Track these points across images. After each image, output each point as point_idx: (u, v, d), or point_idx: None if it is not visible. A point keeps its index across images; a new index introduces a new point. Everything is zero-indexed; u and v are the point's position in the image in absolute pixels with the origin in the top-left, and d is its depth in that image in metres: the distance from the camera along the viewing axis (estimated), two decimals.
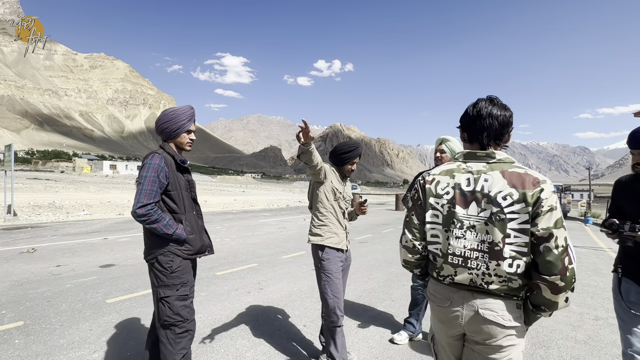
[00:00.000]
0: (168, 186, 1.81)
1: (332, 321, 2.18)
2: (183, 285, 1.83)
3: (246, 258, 5.88)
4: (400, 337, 2.86)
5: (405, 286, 4.52)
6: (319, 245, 2.26)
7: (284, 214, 14.98)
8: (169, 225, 1.76)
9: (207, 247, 2.00)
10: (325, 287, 2.21)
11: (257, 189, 54.40)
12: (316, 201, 2.32)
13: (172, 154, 1.87)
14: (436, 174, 1.29)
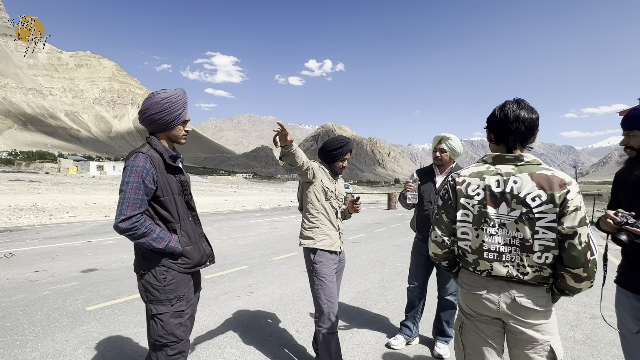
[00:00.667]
0: (157, 191, 1.55)
1: (327, 328, 2.04)
2: (179, 299, 1.60)
3: (236, 260, 5.70)
4: (396, 341, 2.75)
5: (400, 287, 4.42)
6: (310, 248, 2.13)
7: (275, 214, 14.79)
8: (160, 239, 1.52)
9: (207, 257, 1.76)
10: (318, 291, 2.08)
11: (249, 189, 53.95)
12: (306, 202, 2.18)
13: (160, 151, 1.59)
14: (466, 176, 1.36)
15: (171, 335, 1.57)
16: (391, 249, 7.20)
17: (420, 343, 2.84)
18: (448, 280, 2.61)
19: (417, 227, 2.73)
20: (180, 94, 1.66)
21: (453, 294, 2.63)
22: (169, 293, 1.57)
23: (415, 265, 2.76)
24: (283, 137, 1.76)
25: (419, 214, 2.70)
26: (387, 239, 8.62)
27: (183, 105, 1.66)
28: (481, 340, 1.34)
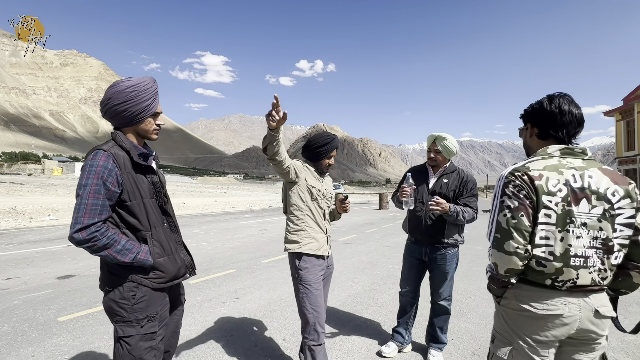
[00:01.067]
0: (122, 194, 1.35)
1: (312, 339, 1.89)
2: (150, 320, 1.39)
3: (223, 264, 5.50)
4: (388, 349, 2.62)
5: (391, 289, 4.31)
6: (295, 253, 1.98)
7: (265, 215, 14.57)
8: (126, 250, 1.32)
9: (186, 269, 1.56)
10: (303, 300, 1.93)
11: (239, 190, 53.44)
12: (290, 203, 2.03)
13: (127, 148, 1.38)
14: (540, 169, 1.19)
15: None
16: (382, 249, 7.11)
17: (413, 350, 2.71)
18: (441, 285, 2.50)
19: (410, 229, 2.60)
20: (149, 82, 1.46)
21: (446, 298, 2.52)
22: (138, 312, 1.37)
23: (407, 269, 2.64)
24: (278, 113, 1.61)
25: (411, 216, 2.58)
26: (379, 239, 8.53)
27: (153, 95, 1.46)
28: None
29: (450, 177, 2.47)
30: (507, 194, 1.19)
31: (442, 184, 2.46)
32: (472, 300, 3.93)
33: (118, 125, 1.45)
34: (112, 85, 1.43)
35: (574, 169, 1.18)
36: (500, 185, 1.22)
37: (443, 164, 2.52)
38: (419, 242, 2.54)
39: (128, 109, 1.40)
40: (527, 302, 1.18)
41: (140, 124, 1.46)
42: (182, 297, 1.66)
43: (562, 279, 1.14)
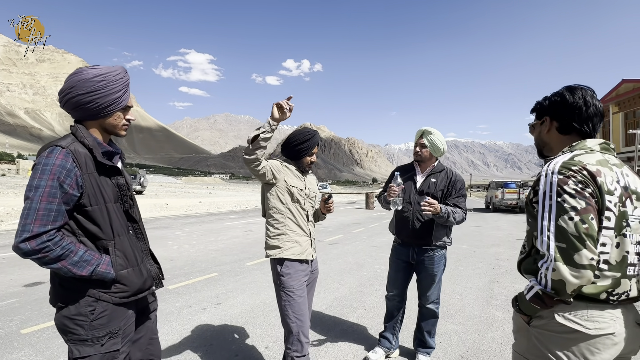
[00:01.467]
0: (82, 198, 1.18)
1: (296, 350, 1.77)
2: (112, 337, 1.24)
3: (205, 267, 5.30)
4: (375, 355, 2.52)
5: (378, 291, 4.23)
6: (277, 259, 1.85)
7: (251, 216, 14.32)
8: (83, 262, 1.16)
9: (152, 282, 1.41)
10: (286, 308, 1.80)
11: (225, 190, 52.67)
12: (269, 206, 1.90)
13: (89, 145, 1.21)
14: (594, 164, 1.02)
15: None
16: (369, 250, 7.05)
17: (401, 355, 2.63)
18: (429, 288, 2.42)
19: (397, 230, 2.51)
20: (120, 72, 1.30)
21: (434, 301, 2.45)
22: (98, 329, 1.20)
23: (394, 271, 2.55)
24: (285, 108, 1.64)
25: (398, 216, 2.49)
26: (365, 239, 8.47)
27: (124, 87, 1.29)
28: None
29: (439, 176, 2.39)
30: (568, 192, 0.97)
31: (430, 184, 2.38)
32: (459, 301, 3.89)
33: (81, 118, 1.27)
34: (76, 72, 1.25)
35: (615, 165, 1.06)
36: (552, 182, 1.01)
37: (430, 161, 2.43)
38: (406, 243, 2.46)
39: (95, 100, 1.22)
40: (575, 321, 1.00)
41: (108, 117, 1.28)
42: (154, 303, 1.51)
43: (618, 291, 0.99)
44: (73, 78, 1.24)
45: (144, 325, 1.45)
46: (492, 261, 6.05)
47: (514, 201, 18.37)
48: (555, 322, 1.01)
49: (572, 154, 1.07)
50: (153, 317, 1.49)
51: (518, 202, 18.27)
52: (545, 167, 1.07)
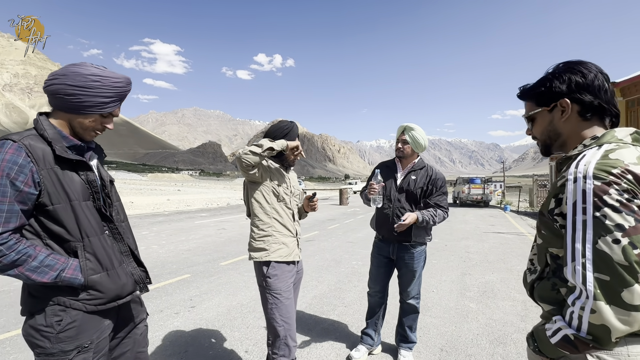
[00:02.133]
0: (41, 197, 1.06)
1: (283, 355, 1.69)
2: (82, 351, 1.11)
3: (177, 268, 5.04)
4: (358, 353, 2.50)
5: (357, 287, 4.23)
6: (263, 261, 1.75)
7: (223, 214, 13.92)
8: (45, 268, 1.04)
9: (134, 287, 1.27)
10: (272, 311, 1.71)
11: (195, 187, 50.89)
12: (254, 207, 1.81)
13: (49, 138, 1.09)
14: (635, 162, 0.78)
15: None
16: (346, 246, 7.07)
17: (383, 351, 2.63)
18: (410, 283, 2.43)
19: (377, 226, 2.50)
20: (121, 81, 1.19)
21: (415, 297, 2.46)
22: (65, 343, 1.08)
23: (376, 267, 2.54)
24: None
25: (378, 213, 2.48)
26: (341, 235, 8.51)
27: (116, 96, 1.19)
28: None
29: (419, 173, 2.40)
30: (610, 204, 0.75)
31: (409, 181, 2.38)
32: (435, 294, 3.99)
33: (55, 106, 1.15)
34: (78, 64, 1.15)
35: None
36: (585, 190, 0.78)
37: (411, 157, 2.43)
38: (386, 240, 2.45)
39: (78, 95, 1.12)
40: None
41: (83, 117, 1.16)
42: (141, 312, 1.38)
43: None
44: (70, 68, 1.15)
45: (130, 337, 1.32)
46: (463, 254, 6.29)
47: (479, 196, 19.35)
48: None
49: (603, 149, 0.83)
50: (142, 328, 1.36)
51: (482, 197, 19.28)
52: (572, 168, 0.83)
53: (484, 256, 6.17)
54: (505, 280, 4.60)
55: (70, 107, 1.13)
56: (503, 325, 3.15)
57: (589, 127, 0.93)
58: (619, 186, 0.75)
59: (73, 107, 1.13)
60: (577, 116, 0.94)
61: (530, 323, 3.18)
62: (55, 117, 1.15)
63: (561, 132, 0.98)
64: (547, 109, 0.98)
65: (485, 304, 3.68)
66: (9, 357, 2.48)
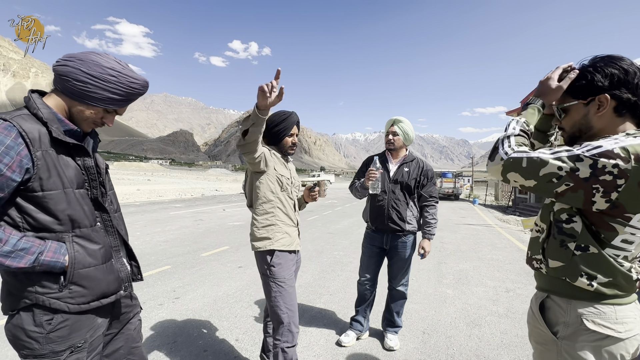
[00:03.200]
0: (31, 182, 0.97)
1: (286, 341, 1.73)
2: (74, 351, 1.05)
3: (155, 260, 4.91)
4: (347, 338, 2.60)
5: (340, 276, 4.35)
6: (267, 250, 1.77)
7: (199, 205, 13.58)
8: (20, 252, 0.95)
9: (120, 284, 1.18)
10: (276, 299, 1.74)
11: (166, 177, 49.01)
12: (258, 196, 1.81)
13: (44, 118, 1.00)
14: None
15: None
16: (326, 237, 7.18)
17: (370, 336, 2.75)
18: (401, 271, 2.55)
19: (371, 218, 2.58)
20: (139, 82, 1.13)
21: (404, 284, 2.59)
22: (57, 343, 1.01)
23: (367, 257, 2.64)
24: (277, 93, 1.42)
25: (372, 205, 2.57)
26: (321, 226, 8.61)
27: (128, 95, 1.11)
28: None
29: (411, 165, 2.52)
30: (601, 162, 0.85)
31: (403, 173, 2.49)
32: (415, 282, 4.19)
33: (59, 88, 1.06)
34: (98, 53, 1.09)
35: None
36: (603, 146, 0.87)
37: (401, 149, 2.55)
38: (380, 230, 2.55)
39: (89, 84, 1.04)
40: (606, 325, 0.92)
41: (84, 106, 1.08)
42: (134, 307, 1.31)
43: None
44: (90, 55, 1.07)
45: (123, 333, 1.27)
46: (438, 244, 6.61)
47: (450, 189, 20.24)
48: (584, 328, 0.93)
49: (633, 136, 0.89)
50: (135, 322, 1.31)
51: (453, 190, 20.19)
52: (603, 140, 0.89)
53: (457, 246, 6.52)
54: (477, 268, 4.91)
55: (75, 93, 1.06)
56: (477, 309, 3.39)
57: (622, 124, 0.96)
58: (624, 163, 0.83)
59: (78, 94, 1.06)
60: (612, 112, 0.96)
61: (502, 307, 3.45)
62: (53, 99, 1.07)
63: (593, 126, 0.99)
64: (584, 102, 0.98)
65: (461, 290, 3.93)
66: None
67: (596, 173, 0.85)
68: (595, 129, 0.99)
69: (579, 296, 0.95)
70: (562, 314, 0.97)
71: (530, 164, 0.92)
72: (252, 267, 4.69)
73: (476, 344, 2.66)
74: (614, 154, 0.84)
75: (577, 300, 0.96)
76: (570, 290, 0.96)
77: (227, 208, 12.59)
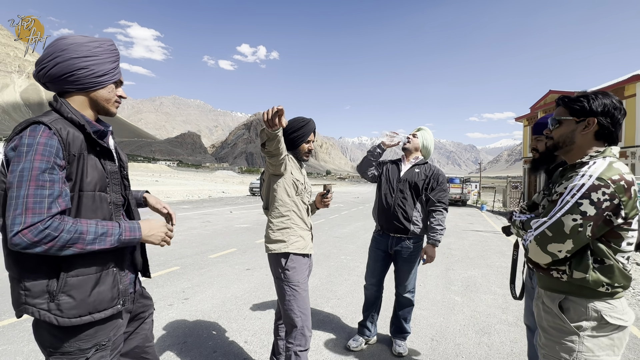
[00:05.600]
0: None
1: (299, 344, 1.75)
2: (99, 349, 1.07)
3: (165, 260, 4.97)
4: (355, 342, 2.60)
5: (347, 281, 4.35)
6: (282, 253, 1.80)
7: (206, 206, 13.70)
8: (102, 237, 0.99)
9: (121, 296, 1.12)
10: (290, 302, 1.77)
11: (173, 178, 49.48)
12: (274, 199, 1.84)
13: (77, 121, 1.03)
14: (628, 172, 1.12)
15: None
16: (333, 241, 7.19)
17: (379, 342, 2.75)
18: (407, 277, 2.55)
19: (378, 215, 2.63)
20: (112, 44, 1.15)
21: (411, 290, 2.58)
22: (83, 341, 1.04)
23: (374, 261, 2.65)
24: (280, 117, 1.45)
25: (380, 202, 2.60)
26: (327, 230, 8.62)
27: (117, 59, 1.15)
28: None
29: (422, 167, 2.58)
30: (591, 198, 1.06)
31: (413, 173, 2.55)
32: (423, 288, 4.17)
33: (65, 89, 1.07)
34: (63, 37, 1.07)
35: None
36: (586, 184, 1.08)
37: (416, 152, 2.62)
38: (385, 234, 2.57)
39: (90, 66, 1.06)
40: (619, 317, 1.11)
41: (101, 89, 1.11)
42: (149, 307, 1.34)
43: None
44: (61, 42, 1.05)
45: (138, 333, 1.31)
46: (445, 250, 6.57)
47: (457, 195, 20.06)
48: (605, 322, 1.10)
49: (608, 160, 1.12)
50: (149, 322, 1.35)
51: (461, 196, 20.00)
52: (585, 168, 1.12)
53: (465, 253, 6.47)
54: (486, 276, 4.87)
55: (84, 83, 1.07)
56: (487, 317, 3.36)
57: (594, 145, 1.20)
58: (607, 189, 1.05)
59: (89, 82, 1.07)
60: (592, 135, 1.18)
61: (511, 315, 3.42)
62: (72, 101, 1.09)
63: (575, 141, 1.21)
64: (577, 119, 1.20)
65: (470, 297, 3.90)
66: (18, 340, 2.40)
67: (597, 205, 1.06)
68: (575, 144, 1.22)
69: (596, 296, 1.12)
70: (583, 311, 1.13)
71: (554, 230, 1.11)
72: (260, 269, 4.72)
73: (485, 352, 2.64)
74: (596, 186, 1.06)
75: (595, 299, 1.12)
76: (590, 293, 1.13)
77: (234, 210, 12.68)
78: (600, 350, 1.11)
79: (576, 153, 1.22)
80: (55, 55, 1.04)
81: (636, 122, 14.01)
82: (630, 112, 14.14)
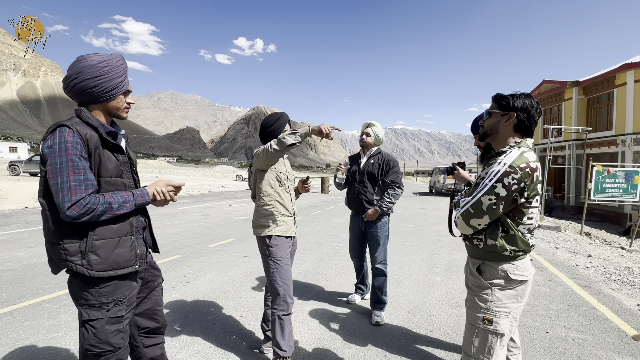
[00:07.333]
0: None
1: (282, 310, 2.07)
2: (117, 303, 1.38)
3: (167, 250, 5.29)
4: (353, 297, 3.33)
5: (338, 265, 4.67)
6: (266, 235, 2.12)
7: (206, 200, 14.01)
8: (124, 204, 1.34)
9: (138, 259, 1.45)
10: (274, 274, 2.08)
11: (173, 174, 49.69)
12: (260, 191, 2.15)
13: (94, 125, 1.35)
14: (535, 160, 1.40)
15: (106, 344, 1.36)
16: (327, 230, 7.51)
17: (361, 314, 3.07)
18: (376, 249, 2.97)
19: (348, 202, 3.15)
20: (119, 59, 1.44)
21: (382, 262, 2.98)
22: (104, 296, 1.36)
23: (353, 238, 3.15)
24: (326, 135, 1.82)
25: (349, 192, 3.13)
26: (323, 221, 8.94)
27: (124, 73, 1.44)
28: None
29: (376, 158, 3.01)
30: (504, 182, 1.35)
31: (369, 164, 2.99)
32: (407, 270, 4.50)
33: (85, 101, 1.40)
34: (79, 59, 1.37)
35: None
36: (501, 170, 1.37)
37: (372, 147, 3.03)
38: (357, 215, 3.06)
39: (100, 84, 1.36)
40: (522, 274, 1.44)
41: (112, 100, 1.42)
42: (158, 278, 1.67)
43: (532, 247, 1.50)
44: (78, 64, 1.35)
45: (149, 298, 1.63)
46: (434, 237, 6.89)
47: (453, 185, 20.33)
48: (510, 279, 1.43)
49: (520, 150, 1.41)
50: (159, 290, 1.67)
51: (456, 187, 20.27)
52: (502, 157, 1.42)
53: (453, 239, 6.78)
54: None
55: (98, 97, 1.37)
56: (462, 293, 3.68)
57: (513, 136, 1.49)
58: (515, 175, 1.35)
59: (100, 96, 1.37)
60: (512, 127, 1.47)
61: None
62: (91, 110, 1.41)
63: (499, 131, 1.50)
64: (502, 113, 1.49)
65: (449, 277, 4.23)
66: (20, 325, 2.72)
67: (508, 188, 1.35)
68: (499, 134, 1.51)
69: (503, 259, 1.45)
70: (494, 272, 1.46)
71: (474, 208, 1.40)
72: (256, 256, 5.04)
73: (455, 322, 2.96)
74: (508, 172, 1.35)
75: (502, 262, 1.45)
76: (498, 257, 1.46)
77: (233, 203, 12.99)
78: (507, 299, 1.44)
79: (500, 142, 1.50)
80: (73, 77, 1.36)
81: (627, 111, 14.21)
82: (621, 100, 14.34)
